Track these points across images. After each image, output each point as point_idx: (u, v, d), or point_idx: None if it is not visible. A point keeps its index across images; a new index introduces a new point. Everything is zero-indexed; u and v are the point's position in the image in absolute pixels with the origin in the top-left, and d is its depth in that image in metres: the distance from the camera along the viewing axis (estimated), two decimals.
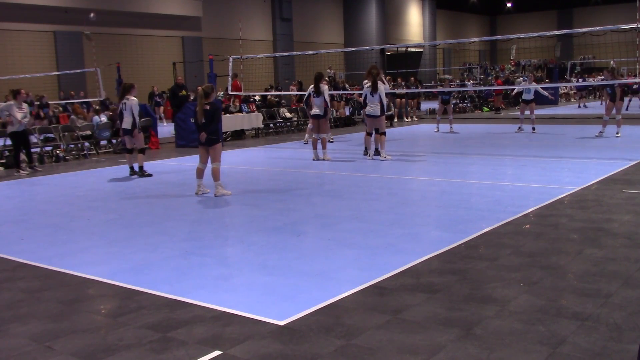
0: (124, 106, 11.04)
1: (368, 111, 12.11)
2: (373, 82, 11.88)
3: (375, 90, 11.88)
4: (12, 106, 12.05)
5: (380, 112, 11.98)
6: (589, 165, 10.71)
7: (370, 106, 12.02)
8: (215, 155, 8.86)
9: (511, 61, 42.18)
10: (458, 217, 7.12)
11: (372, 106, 12.00)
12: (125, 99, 10.98)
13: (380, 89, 11.92)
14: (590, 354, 3.58)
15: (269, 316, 4.29)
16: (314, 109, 12.39)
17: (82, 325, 4.32)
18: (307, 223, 7.20)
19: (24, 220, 7.94)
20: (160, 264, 5.70)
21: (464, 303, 4.44)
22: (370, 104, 12.01)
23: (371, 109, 12.02)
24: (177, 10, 30.37)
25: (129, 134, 11.18)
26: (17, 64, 25.00)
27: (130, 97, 10.98)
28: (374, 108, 11.99)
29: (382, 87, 12.08)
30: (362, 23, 40.52)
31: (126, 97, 10.98)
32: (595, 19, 46.09)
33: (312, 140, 12.85)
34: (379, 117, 12.02)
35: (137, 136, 11.22)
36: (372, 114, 12.05)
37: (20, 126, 12.10)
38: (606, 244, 5.80)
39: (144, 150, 11.35)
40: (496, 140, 15.63)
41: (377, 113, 11.98)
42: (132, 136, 11.17)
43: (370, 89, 11.96)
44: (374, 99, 11.93)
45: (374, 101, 11.96)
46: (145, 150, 11.33)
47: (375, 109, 11.98)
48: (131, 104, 10.96)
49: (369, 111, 12.08)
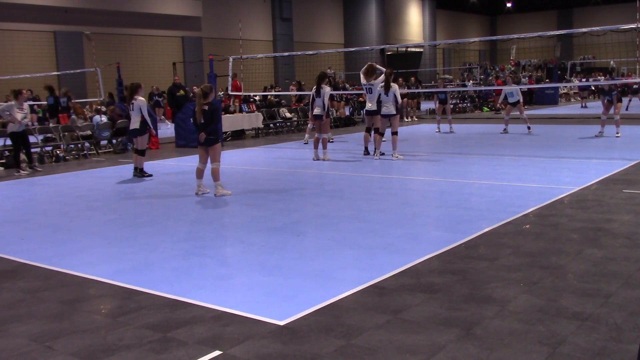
0: (132, 107, 10.98)
1: (383, 111, 12.30)
2: (386, 81, 12.07)
3: (388, 90, 12.09)
4: (13, 106, 12.04)
5: (396, 111, 12.28)
6: (589, 165, 10.71)
7: (385, 106, 12.24)
8: (214, 155, 8.86)
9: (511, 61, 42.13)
10: (458, 217, 7.12)
11: (386, 105, 12.22)
12: (134, 100, 10.92)
13: (394, 88, 12.19)
14: (590, 354, 3.58)
15: (269, 316, 4.29)
16: (315, 109, 12.45)
17: (82, 325, 4.32)
18: (307, 223, 7.20)
19: (24, 220, 7.94)
20: (160, 264, 5.70)
21: (464, 303, 4.44)
22: (384, 103, 12.24)
23: (386, 109, 12.23)
24: (177, 10, 30.37)
25: (137, 134, 11.06)
26: (17, 64, 25.00)
27: (137, 97, 10.93)
28: (388, 107, 12.21)
29: (395, 86, 12.37)
30: (362, 23, 40.51)
31: (134, 97, 10.92)
32: (595, 19, 46.06)
33: (313, 140, 12.90)
34: (395, 115, 12.29)
35: (145, 136, 11.12)
36: (387, 113, 12.26)
37: (20, 126, 12.10)
38: (606, 244, 5.80)
39: (144, 152, 11.27)
40: (496, 140, 15.63)
41: (393, 112, 12.25)
42: (142, 136, 11.00)
43: (383, 89, 12.17)
44: (389, 98, 12.15)
45: (388, 100, 12.18)
46: (145, 152, 11.29)
47: (390, 109, 12.20)
48: (139, 104, 10.85)
49: (385, 111, 12.27)
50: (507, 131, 16.87)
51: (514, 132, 16.78)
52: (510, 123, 17.16)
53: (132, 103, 10.92)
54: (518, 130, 16.96)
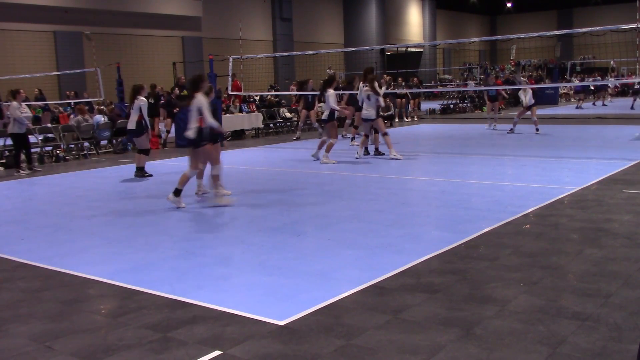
0: (132, 106, 10.98)
1: (364, 115, 12.15)
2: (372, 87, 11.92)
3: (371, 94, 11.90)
4: (17, 108, 12.11)
5: (376, 115, 12.07)
6: (589, 165, 10.71)
7: (366, 110, 12.07)
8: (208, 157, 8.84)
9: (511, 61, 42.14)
10: (458, 217, 7.12)
11: (367, 110, 12.05)
12: (136, 99, 10.93)
13: (371, 93, 11.98)
14: (590, 354, 3.58)
15: (269, 316, 4.29)
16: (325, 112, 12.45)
17: (82, 325, 4.32)
18: (307, 223, 7.20)
19: (24, 220, 7.94)
20: (160, 264, 5.70)
21: (464, 303, 4.44)
22: (366, 107, 12.07)
23: (366, 113, 12.07)
24: (177, 10, 30.37)
25: (135, 135, 11.03)
26: (17, 64, 25.00)
27: (139, 97, 10.95)
28: (369, 112, 12.03)
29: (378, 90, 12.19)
30: (362, 23, 40.51)
31: (137, 97, 10.93)
32: (595, 19, 46.08)
33: (320, 140, 12.90)
34: (375, 120, 12.12)
35: (144, 136, 11.10)
36: (367, 117, 12.13)
37: (22, 127, 12.14)
38: (606, 244, 5.80)
39: (147, 151, 11.25)
40: (496, 140, 15.63)
41: (373, 116, 12.04)
42: (139, 137, 10.98)
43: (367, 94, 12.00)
44: (371, 102, 11.98)
45: (370, 104, 12.00)
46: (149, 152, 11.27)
47: (370, 112, 12.02)
48: (140, 103, 10.84)
49: (365, 115, 12.12)
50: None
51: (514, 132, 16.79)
52: (518, 123, 17.04)
53: (133, 103, 10.93)
54: (518, 130, 16.94)
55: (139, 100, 10.86)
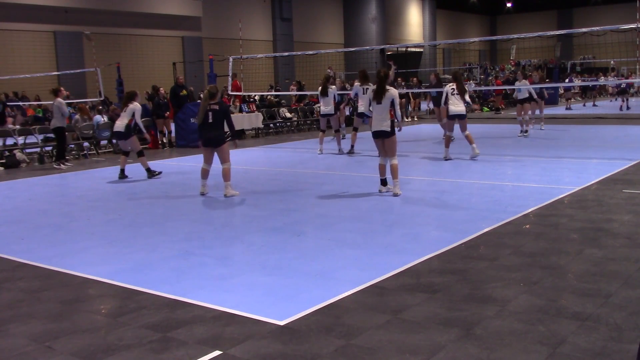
0: (125, 109, 11.02)
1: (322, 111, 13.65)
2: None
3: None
4: (64, 104, 13.15)
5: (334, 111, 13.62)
6: (589, 165, 10.71)
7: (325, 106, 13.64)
8: (224, 156, 8.89)
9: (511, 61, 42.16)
10: (458, 217, 7.12)
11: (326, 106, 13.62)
12: (129, 104, 10.99)
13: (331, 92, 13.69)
14: (590, 354, 3.58)
15: (269, 316, 4.29)
16: (323, 108, 13.57)
17: (82, 325, 4.32)
18: (307, 223, 7.20)
19: (24, 220, 7.94)
20: (160, 264, 5.70)
21: (464, 303, 4.44)
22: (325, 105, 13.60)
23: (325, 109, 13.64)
24: (177, 10, 30.39)
25: (121, 137, 11.09)
26: (17, 64, 25.02)
27: (133, 102, 11.02)
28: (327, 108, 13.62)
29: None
30: (362, 23, 40.52)
31: (131, 102, 10.99)
32: (595, 19, 46.10)
33: (336, 137, 13.97)
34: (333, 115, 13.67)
35: (132, 139, 11.09)
36: (326, 113, 13.62)
37: (63, 122, 13.12)
38: (606, 244, 5.80)
39: (142, 152, 11.25)
40: (496, 140, 15.62)
41: (332, 112, 13.63)
42: (126, 140, 11.03)
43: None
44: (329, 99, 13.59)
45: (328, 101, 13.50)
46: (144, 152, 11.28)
47: (329, 109, 13.59)
48: (133, 108, 10.94)
49: (323, 111, 13.62)
50: (527, 133, 15.92)
51: (514, 132, 16.77)
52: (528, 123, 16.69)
53: (126, 107, 10.99)
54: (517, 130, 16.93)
55: (133, 104, 10.98)
